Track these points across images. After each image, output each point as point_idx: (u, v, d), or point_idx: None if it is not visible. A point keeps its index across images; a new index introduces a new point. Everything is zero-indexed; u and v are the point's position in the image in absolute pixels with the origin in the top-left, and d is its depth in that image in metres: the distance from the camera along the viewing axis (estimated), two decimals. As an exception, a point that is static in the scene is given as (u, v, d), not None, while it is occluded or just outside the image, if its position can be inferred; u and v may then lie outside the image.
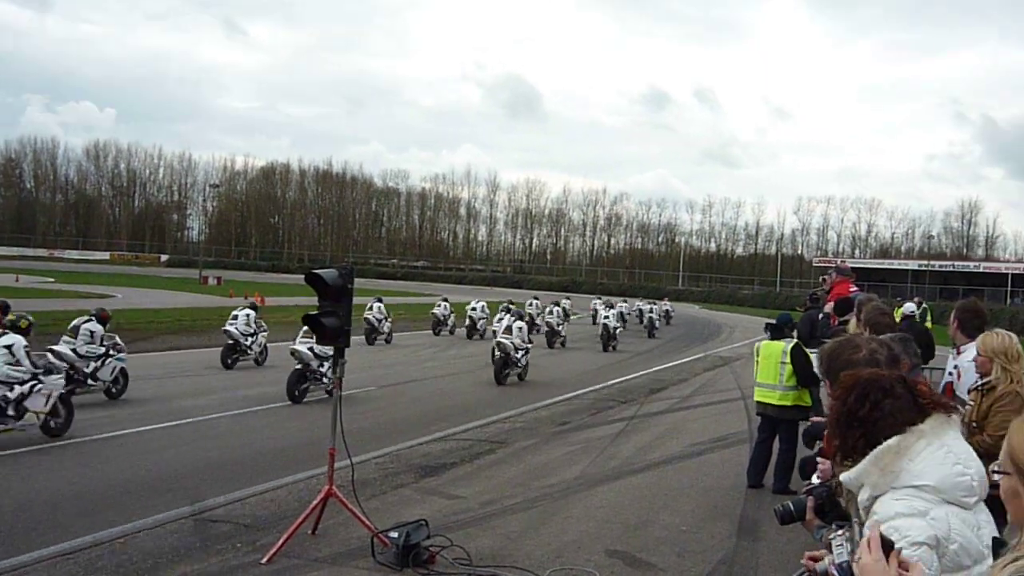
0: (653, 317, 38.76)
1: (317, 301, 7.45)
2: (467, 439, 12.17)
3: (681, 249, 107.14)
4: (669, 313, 44.02)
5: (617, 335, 29.77)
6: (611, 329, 29.22)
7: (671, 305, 47.65)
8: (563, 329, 29.83)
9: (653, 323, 38.40)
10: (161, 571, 6.44)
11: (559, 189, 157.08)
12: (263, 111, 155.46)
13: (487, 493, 9.10)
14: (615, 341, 29.41)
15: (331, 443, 7.30)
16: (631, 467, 10.61)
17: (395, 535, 6.70)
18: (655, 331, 37.86)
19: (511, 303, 30.42)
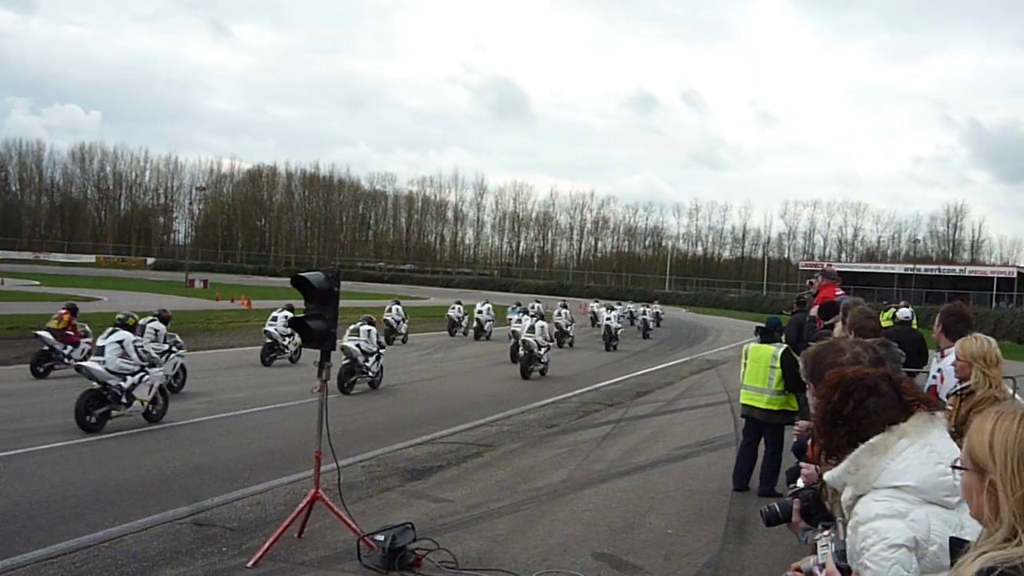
0: (647, 319, 40.66)
1: (304, 304, 7.44)
2: (454, 442, 12.15)
3: (668, 252, 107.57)
4: (659, 316, 44.73)
5: (619, 335, 31.63)
6: (613, 330, 31.19)
7: (661, 308, 48.18)
8: (571, 329, 31.18)
9: (647, 324, 40.23)
10: (147, 574, 6.40)
11: (546, 192, 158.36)
12: (250, 113, 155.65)
13: (474, 496, 9.10)
14: (616, 341, 31.14)
15: (317, 446, 7.29)
16: (617, 470, 10.63)
17: (381, 538, 6.69)
18: (649, 332, 39.67)
19: (518, 303, 33.65)
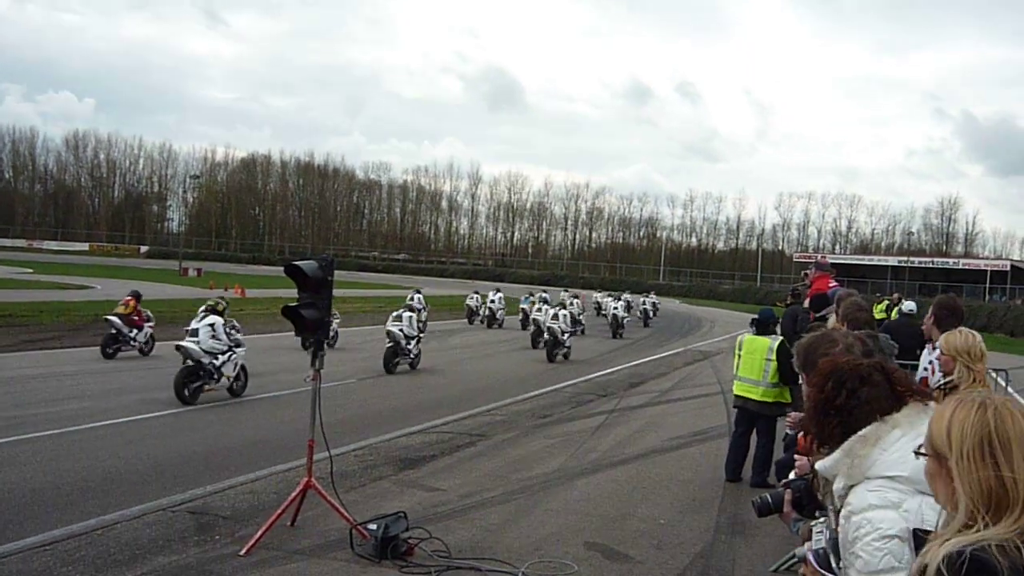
0: (647, 308, 42.72)
1: (297, 293, 7.43)
2: (447, 432, 12.16)
3: (662, 243, 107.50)
4: (656, 306, 45.28)
5: (625, 323, 33.96)
6: (619, 318, 33.28)
7: (657, 299, 48.52)
8: (582, 318, 31.93)
9: (647, 313, 42.28)
10: (139, 562, 6.40)
11: (541, 182, 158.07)
12: (244, 102, 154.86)
13: (466, 486, 9.11)
14: (623, 328, 33.40)
15: (310, 435, 7.28)
16: (610, 460, 10.66)
17: (374, 527, 6.70)
18: (649, 320, 41.84)
19: (530, 294, 36.74)
